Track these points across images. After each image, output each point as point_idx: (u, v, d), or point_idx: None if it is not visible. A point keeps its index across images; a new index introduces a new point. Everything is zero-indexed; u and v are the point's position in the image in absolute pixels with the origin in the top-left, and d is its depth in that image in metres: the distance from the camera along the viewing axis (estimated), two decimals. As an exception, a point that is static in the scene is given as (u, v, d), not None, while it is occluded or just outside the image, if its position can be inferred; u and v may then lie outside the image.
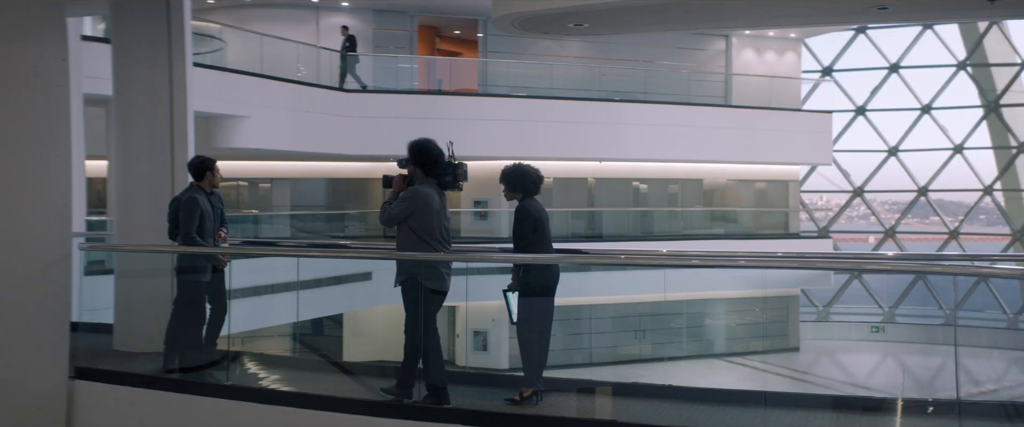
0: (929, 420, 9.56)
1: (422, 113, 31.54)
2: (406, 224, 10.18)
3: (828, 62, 45.14)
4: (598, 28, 31.10)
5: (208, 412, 10.62)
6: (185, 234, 11.69)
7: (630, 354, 24.90)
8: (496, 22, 29.12)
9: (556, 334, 33.23)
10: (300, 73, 29.93)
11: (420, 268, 10.09)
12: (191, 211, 11.71)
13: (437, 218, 10.21)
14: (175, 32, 12.78)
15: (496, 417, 9.69)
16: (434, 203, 10.19)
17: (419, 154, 10.35)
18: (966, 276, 14.08)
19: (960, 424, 8.80)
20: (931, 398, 9.93)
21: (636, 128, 34.02)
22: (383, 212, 10.30)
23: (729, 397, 9.91)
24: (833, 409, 9.96)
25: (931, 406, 9.80)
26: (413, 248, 10.14)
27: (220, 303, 12.00)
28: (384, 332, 32.75)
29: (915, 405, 10.23)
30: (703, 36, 40.26)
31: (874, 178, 45.17)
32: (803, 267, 12.04)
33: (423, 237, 10.13)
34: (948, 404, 9.20)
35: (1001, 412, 9.62)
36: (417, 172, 10.34)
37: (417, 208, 10.11)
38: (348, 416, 10.03)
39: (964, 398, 9.05)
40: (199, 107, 22.77)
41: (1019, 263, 18.50)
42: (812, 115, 39.30)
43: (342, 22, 34.15)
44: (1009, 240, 43.83)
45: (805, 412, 9.69)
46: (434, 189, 10.29)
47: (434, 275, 10.14)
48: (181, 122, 12.84)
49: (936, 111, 44.03)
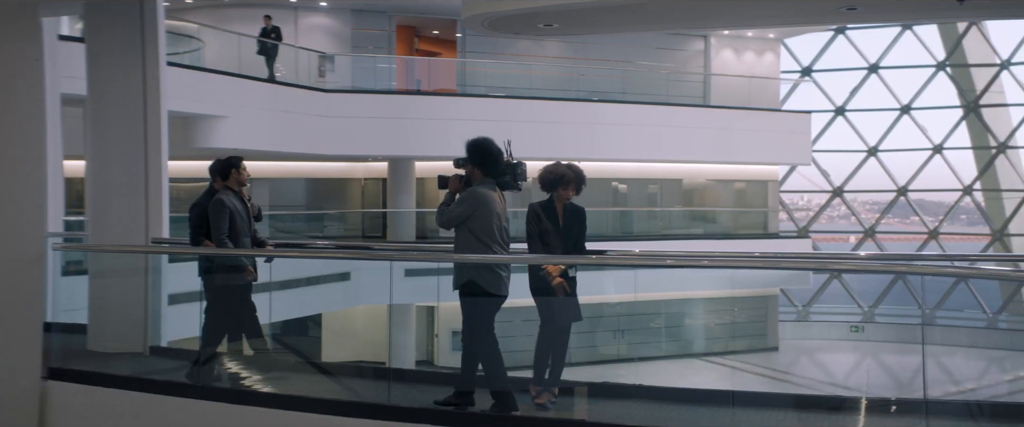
0: (896, 419, 9.58)
1: (401, 113, 31.52)
2: (465, 226, 9.89)
3: (807, 62, 45.24)
4: (569, 28, 31.17)
5: (182, 413, 10.58)
6: (218, 241, 11.41)
7: (608, 354, 24.81)
8: (466, 22, 29.16)
9: (532, 334, 33.36)
10: (279, 73, 29.88)
11: (480, 272, 9.85)
12: (220, 213, 11.43)
13: (497, 219, 9.95)
14: (149, 32, 12.74)
15: (473, 417, 9.67)
16: (494, 204, 9.93)
17: (478, 153, 10.06)
18: (933, 276, 14.15)
19: (927, 423, 8.83)
20: (903, 397, 9.93)
21: (615, 128, 34.02)
22: (441, 214, 10.07)
23: (699, 397, 9.93)
24: (798, 408, 9.96)
25: (894, 406, 9.82)
26: (473, 250, 9.87)
27: (249, 308, 11.81)
28: (364, 332, 32.79)
29: (881, 404, 10.26)
30: (682, 36, 40.30)
31: (854, 178, 45.28)
32: (766, 267, 12.03)
33: (483, 239, 9.86)
34: (916, 403, 9.22)
35: (965, 411, 9.65)
36: (476, 172, 10.05)
37: (477, 209, 9.84)
38: (326, 417, 9.96)
39: (931, 398, 9.06)
40: (177, 107, 22.78)
41: (998, 263, 18.56)
42: (791, 115, 39.35)
43: (317, 21, 34.14)
44: (989, 240, 43.96)
45: (773, 411, 9.71)
46: (493, 190, 10.02)
47: (493, 278, 9.90)
48: (155, 122, 12.79)
49: (916, 111, 44.16)
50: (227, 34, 28.82)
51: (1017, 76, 43.01)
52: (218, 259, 11.70)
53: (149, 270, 12.70)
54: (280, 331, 23.34)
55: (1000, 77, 43.45)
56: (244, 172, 11.88)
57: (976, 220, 46.97)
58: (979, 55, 43.84)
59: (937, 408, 9.07)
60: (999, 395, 33.92)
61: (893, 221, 53.28)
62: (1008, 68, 43.01)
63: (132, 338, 12.32)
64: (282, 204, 34.27)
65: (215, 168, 11.90)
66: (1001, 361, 39.06)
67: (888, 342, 40.48)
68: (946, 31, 43.93)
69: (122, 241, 12.73)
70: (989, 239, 44.09)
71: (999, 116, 44.13)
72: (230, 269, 11.73)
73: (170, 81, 21.08)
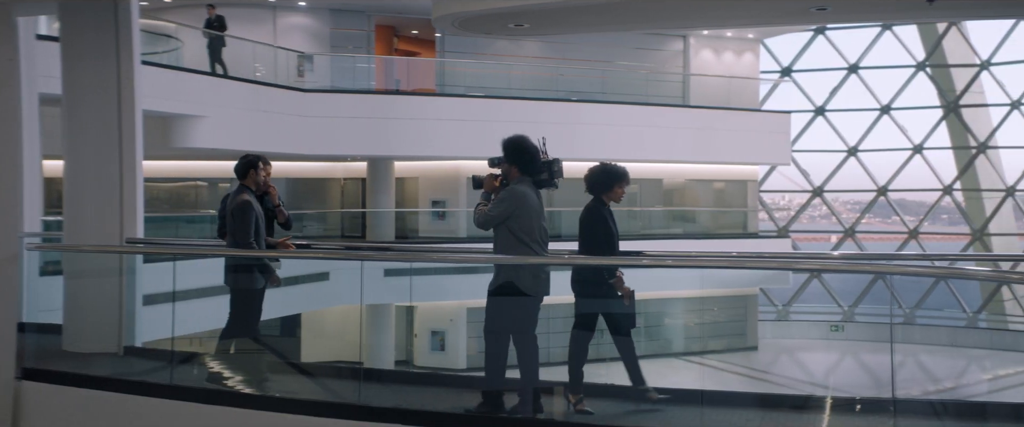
0: (866, 418, 9.59)
1: (380, 113, 31.51)
2: (504, 226, 9.70)
3: (787, 62, 45.34)
4: (539, 29, 31.17)
5: (157, 413, 10.55)
6: (243, 244, 11.25)
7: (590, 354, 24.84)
8: (436, 22, 29.14)
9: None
10: (258, 73, 29.83)
11: (519, 273, 9.71)
12: (245, 216, 11.25)
13: (537, 218, 9.77)
14: (123, 32, 12.69)
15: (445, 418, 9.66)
16: (533, 202, 9.75)
17: (516, 152, 9.90)
18: (907, 276, 14.22)
19: (895, 422, 8.84)
20: (869, 396, 9.94)
21: (594, 128, 34.02)
22: (478, 214, 9.89)
23: (669, 396, 9.91)
24: (765, 406, 9.96)
25: (859, 405, 9.83)
26: (513, 251, 9.68)
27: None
28: (343, 332, 32.75)
29: (848, 403, 10.27)
30: (661, 36, 40.32)
31: (834, 178, 45.38)
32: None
33: (523, 239, 9.65)
34: (885, 402, 9.24)
35: (930, 410, 9.68)
36: (513, 171, 9.88)
37: (516, 209, 9.66)
38: (299, 417, 9.92)
39: (899, 397, 9.07)
40: (156, 107, 22.75)
41: (978, 263, 18.64)
42: (771, 115, 39.43)
43: (296, 21, 34.09)
44: (969, 239, 44.07)
45: (742, 410, 9.71)
46: (531, 188, 9.83)
47: (532, 280, 9.76)
48: (130, 122, 12.74)
49: (896, 111, 44.23)
50: (206, 34, 28.76)
51: (997, 76, 43.15)
52: (241, 261, 11.61)
53: (124, 270, 12.66)
54: (267, 330, 23.37)
55: (980, 77, 43.58)
56: (264, 172, 11.75)
57: (957, 220, 47.09)
58: (959, 55, 43.95)
59: (905, 407, 9.09)
60: (978, 394, 34.03)
61: (874, 221, 53.38)
62: (988, 68, 43.13)
63: (107, 338, 12.27)
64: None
65: (236, 167, 11.68)
66: (981, 360, 39.19)
67: (868, 341, 40.54)
68: (926, 31, 44.02)
69: (97, 241, 12.68)
70: (969, 238, 44.20)
71: (979, 116, 44.24)
72: (251, 271, 11.62)
73: (148, 81, 21.05)
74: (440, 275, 28.88)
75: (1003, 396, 33.72)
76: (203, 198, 34.30)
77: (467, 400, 9.95)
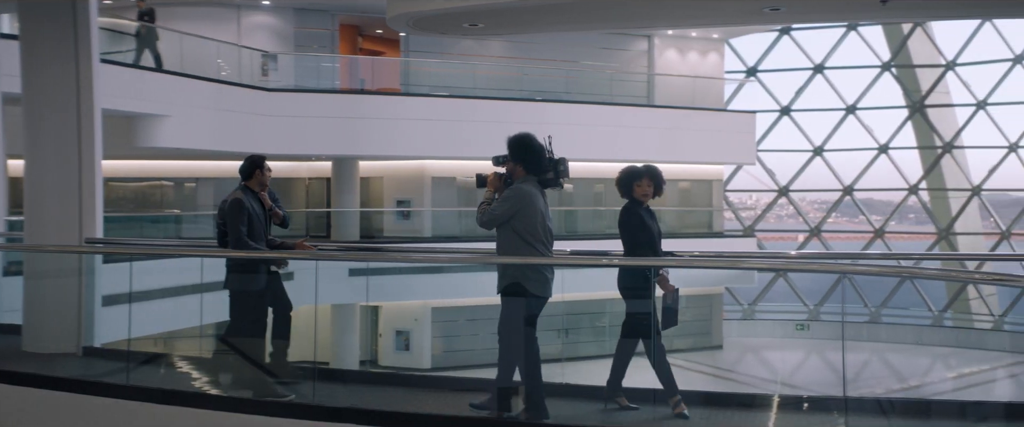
0: (818, 416, 9.64)
1: (345, 112, 31.47)
2: (509, 225, 9.56)
3: (752, 63, 45.39)
4: (494, 29, 31.17)
5: (115, 414, 10.50)
6: (236, 239, 11.09)
7: (552, 354, 24.79)
8: (391, 22, 29.10)
9: (476, 334, 33.29)
10: (223, 73, 29.75)
11: (525, 273, 9.57)
12: (239, 213, 11.14)
13: (542, 218, 9.64)
14: (82, 30, 12.67)
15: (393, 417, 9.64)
16: (538, 202, 9.62)
17: (521, 150, 9.75)
18: (865, 275, 14.40)
19: (846, 421, 8.89)
20: (817, 395, 9.99)
21: (560, 128, 33.59)
22: (482, 213, 9.73)
23: (625, 395, 9.92)
24: (712, 405, 9.98)
25: (806, 403, 9.87)
26: (517, 251, 9.55)
27: (283, 306, 11.50)
28: (308, 332, 32.73)
29: (797, 401, 10.31)
30: (625, 36, 40.35)
31: (801, 177, 45.48)
32: (683, 267, 11.99)
33: (527, 239, 9.52)
34: (837, 400, 9.29)
35: (878, 408, 9.73)
36: (518, 170, 9.74)
37: (521, 208, 9.53)
38: (255, 417, 9.88)
39: (850, 396, 9.12)
40: (120, 106, 22.70)
41: (945, 263, 18.72)
42: (736, 115, 39.52)
43: (260, 20, 34.05)
44: (934, 238, 44.27)
45: (695, 409, 9.73)
46: (536, 187, 9.72)
47: (539, 280, 9.61)
48: (88, 121, 12.71)
49: (861, 111, 44.36)
50: (169, 33, 28.66)
51: (962, 77, 43.39)
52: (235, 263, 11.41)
53: (83, 270, 12.62)
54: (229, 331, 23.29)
55: (945, 78, 43.74)
56: (268, 173, 11.68)
57: (924, 219, 47.32)
58: (924, 56, 44.12)
59: (856, 405, 9.14)
60: (943, 392, 34.14)
61: (842, 220, 53.57)
62: (953, 69, 43.30)
63: (66, 339, 12.24)
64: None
65: (241, 168, 11.61)
66: (946, 358, 39.33)
67: (833, 340, 40.63)
68: (891, 32, 44.19)
69: (57, 241, 12.65)
70: (934, 238, 44.40)
71: (945, 116, 44.43)
72: (247, 278, 11.42)
73: (112, 80, 21.00)
74: (404, 275, 28.87)
75: (967, 394, 33.81)
76: (168, 198, 34.21)
77: (432, 400, 9.91)
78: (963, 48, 42.96)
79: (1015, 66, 41.53)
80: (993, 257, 41.92)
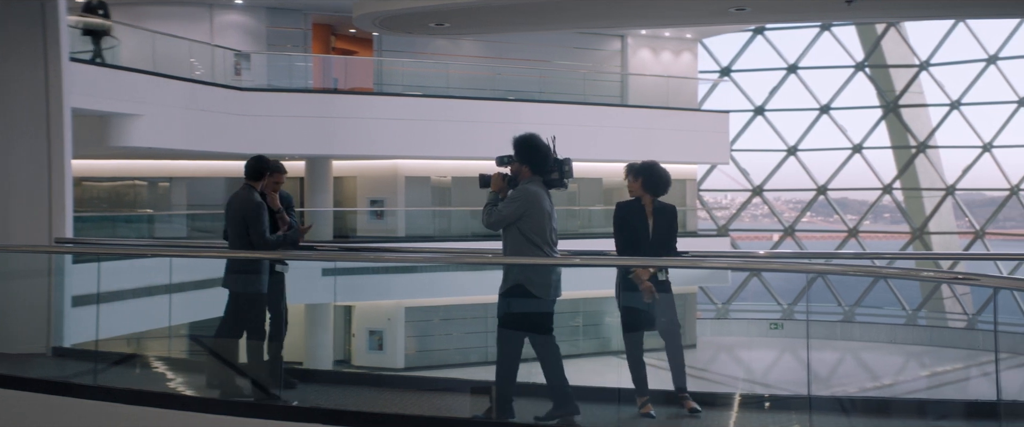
0: (785, 414, 9.66)
1: (318, 112, 31.40)
2: (515, 226, 9.51)
3: (726, 63, 45.45)
4: (461, 28, 31.29)
5: (82, 414, 10.44)
6: (261, 240, 10.94)
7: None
8: (357, 21, 29.13)
9: (450, 333, 33.22)
10: (197, 72, 29.66)
11: (528, 275, 9.51)
12: (261, 214, 10.97)
13: (548, 219, 9.61)
14: (50, 29, 12.63)
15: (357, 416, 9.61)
16: (545, 203, 9.58)
17: (526, 150, 9.70)
18: (805, 273, 14.37)
19: (810, 419, 8.91)
20: (781, 393, 10.02)
21: (533, 127, 33.65)
22: (488, 214, 9.66)
23: (588, 394, 9.91)
24: (672, 403, 9.98)
25: (768, 402, 9.89)
26: (523, 252, 9.48)
27: (278, 311, 11.46)
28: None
29: (757, 400, 10.33)
30: (599, 36, 40.36)
31: (775, 177, 45.55)
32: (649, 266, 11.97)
33: (534, 240, 9.47)
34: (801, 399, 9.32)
35: (838, 407, 9.76)
36: (523, 170, 9.70)
37: (529, 209, 9.48)
38: (222, 418, 9.84)
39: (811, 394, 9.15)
40: (92, 105, 22.60)
41: (919, 262, 18.79)
42: (709, 115, 39.54)
43: (232, 19, 33.97)
44: (908, 238, 44.40)
45: (658, 407, 9.74)
46: (541, 188, 9.67)
47: (543, 281, 9.57)
48: (58, 120, 12.67)
49: (835, 111, 44.46)
50: (142, 31, 28.55)
51: (936, 77, 43.52)
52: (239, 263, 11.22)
53: (52, 271, 12.58)
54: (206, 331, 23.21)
55: (919, 78, 43.87)
56: (282, 178, 11.55)
57: (899, 218, 47.45)
58: (898, 56, 44.26)
59: (820, 404, 9.16)
60: (917, 390, 34.27)
61: (816, 220, 53.68)
62: (927, 69, 43.42)
63: (35, 339, 12.20)
64: (203, 203, 34.05)
65: (247, 169, 11.37)
66: (920, 357, 39.46)
67: (808, 338, 40.71)
68: (864, 32, 44.32)
69: (25, 241, 12.61)
70: (909, 237, 44.53)
71: (919, 116, 44.59)
72: (257, 273, 11.21)
73: (84, 79, 20.90)
74: (377, 274, 28.83)
75: (940, 393, 33.95)
76: (142, 198, 34.09)
77: (407, 400, 9.89)
78: (937, 48, 43.14)
79: (989, 66, 41.68)
80: (966, 256, 42.11)
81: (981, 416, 9.54)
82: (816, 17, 37.03)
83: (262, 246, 10.96)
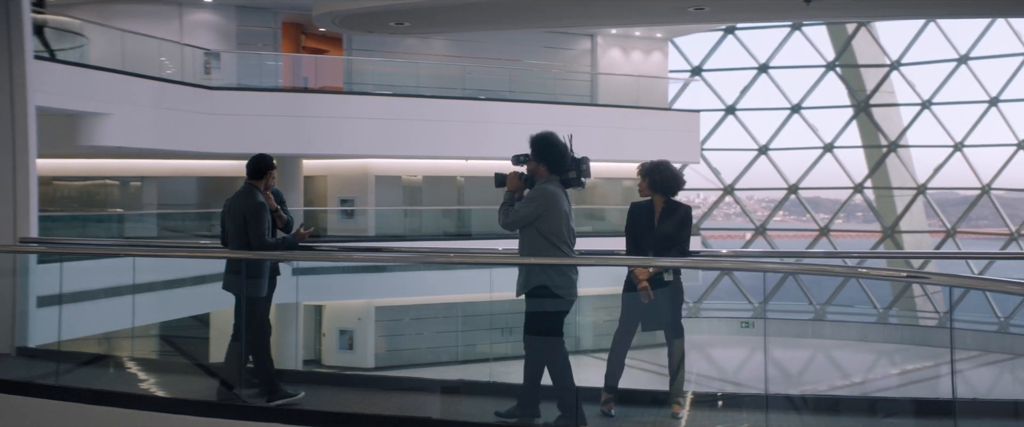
0: (736, 414, 9.69)
1: (288, 111, 31.34)
2: (533, 226, 9.43)
3: (697, 62, 45.52)
4: (420, 28, 31.33)
5: (45, 414, 10.40)
6: (260, 242, 10.83)
7: (499, 352, 24.78)
8: (317, 20, 29.14)
9: (420, 333, 33.17)
10: (168, 72, 29.58)
11: (550, 275, 9.44)
12: (263, 215, 10.92)
13: (566, 219, 9.54)
14: (14, 28, 12.58)
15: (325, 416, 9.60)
16: (563, 203, 9.52)
17: (545, 149, 9.66)
18: (774, 273, 14.69)
19: (767, 418, 8.93)
20: (730, 392, 10.07)
21: (503, 127, 34.00)
22: (505, 214, 9.57)
23: (551, 393, 9.92)
24: (627, 403, 10.00)
25: (721, 401, 9.92)
26: (542, 252, 9.40)
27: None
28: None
29: (709, 398, 10.37)
30: (569, 36, 40.37)
31: (746, 176, 45.64)
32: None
33: (552, 240, 9.41)
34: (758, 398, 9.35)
35: (790, 405, 9.81)
36: (541, 169, 9.65)
37: (547, 208, 9.41)
38: (187, 418, 9.82)
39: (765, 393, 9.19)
40: (61, 104, 22.54)
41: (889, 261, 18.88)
42: (680, 114, 39.59)
43: (202, 17, 33.88)
44: (880, 237, 44.54)
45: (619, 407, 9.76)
46: (559, 187, 9.61)
47: (564, 281, 9.51)
48: (22, 119, 12.62)
49: (806, 111, 44.54)
50: (111, 30, 28.47)
51: (907, 76, 43.63)
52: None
53: (17, 270, 12.53)
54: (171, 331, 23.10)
55: (890, 77, 44.02)
56: (274, 175, 11.52)
57: (872, 217, 47.60)
58: (869, 56, 44.40)
59: (775, 402, 9.20)
60: (887, 388, 34.38)
61: (789, 218, 53.84)
62: (898, 68, 43.55)
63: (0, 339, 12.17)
64: (174, 203, 33.99)
65: (249, 168, 11.37)
66: (891, 355, 39.59)
67: (778, 337, 40.85)
68: (835, 32, 44.44)
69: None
70: (880, 236, 44.68)
71: (890, 115, 44.73)
72: (260, 276, 11.10)
73: (53, 78, 20.85)
74: (348, 274, 28.80)
75: (908, 390, 34.05)
76: (113, 197, 33.99)
77: (376, 400, 9.87)
78: (908, 48, 43.26)
79: (960, 66, 41.81)
80: (937, 255, 42.18)
81: (929, 414, 9.61)
82: (775, 17, 37.27)
83: (260, 249, 10.87)
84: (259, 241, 10.83)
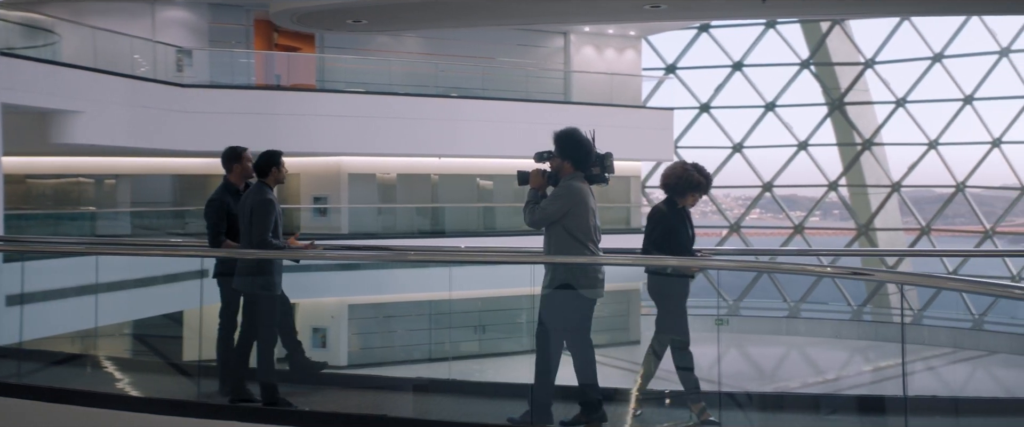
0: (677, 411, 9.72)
1: (261, 108, 31.29)
2: (559, 223, 9.41)
3: (671, 60, 45.54)
4: (378, 25, 31.27)
5: (3, 413, 10.38)
6: (261, 241, 10.60)
7: (470, 350, 24.84)
8: (275, 17, 29.10)
9: (394, 331, 33.15)
10: (141, 69, 29.50)
11: (575, 273, 9.45)
12: (267, 214, 10.70)
13: (592, 216, 9.53)
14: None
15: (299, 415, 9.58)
16: (589, 199, 9.51)
17: (570, 145, 9.64)
18: (741, 271, 14.72)
19: (720, 414, 8.97)
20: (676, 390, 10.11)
21: (476, 124, 34.04)
22: (530, 212, 9.54)
23: (520, 391, 9.91)
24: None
25: (668, 399, 9.94)
26: (568, 250, 9.38)
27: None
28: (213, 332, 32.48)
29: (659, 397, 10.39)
30: (542, 33, 40.35)
31: (721, 174, 45.60)
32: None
33: (578, 238, 9.40)
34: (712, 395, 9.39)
35: (748, 402, 9.84)
36: (566, 166, 9.61)
37: (574, 205, 9.40)
38: (151, 416, 9.79)
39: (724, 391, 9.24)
40: (33, 102, 22.51)
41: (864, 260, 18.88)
42: (654, 112, 39.64)
43: (174, 15, 33.77)
44: (854, 234, 44.66)
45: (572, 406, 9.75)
46: (585, 184, 9.57)
47: (590, 279, 9.53)
48: (-12, 117, 12.61)
49: (780, 109, 44.61)
50: (83, 28, 28.39)
51: (882, 74, 43.77)
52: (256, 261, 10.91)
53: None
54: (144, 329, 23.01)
55: (865, 75, 44.13)
56: (284, 170, 11.41)
57: (847, 215, 47.73)
58: (843, 54, 44.52)
59: (729, 400, 9.24)
60: (860, 385, 34.52)
61: (765, 216, 53.90)
62: (872, 66, 43.66)
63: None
64: (149, 200, 33.91)
65: (256, 164, 11.37)
66: (865, 351, 39.70)
67: (753, 334, 40.92)
68: (809, 30, 44.54)
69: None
70: (854, 234, 44.79)
71: (864, 113, 44.85)
72: (269, 273, 10.95)
73: (25, 75, 20.80)
74: (321, 271, 28.75)
75: (881, 387, 34.14)
76: (88, 195, 33.89)
77: (348, 399, 9.86)
78: (882, 46, 43.38)
79: (934, 64, 41.93)
80: (911, 253, 42.44)
81: (871, 410, 9.66)
82: (731, 15, 37.41)
83: (261, 247, 10.67)
84: (261, 239, 10.67)
